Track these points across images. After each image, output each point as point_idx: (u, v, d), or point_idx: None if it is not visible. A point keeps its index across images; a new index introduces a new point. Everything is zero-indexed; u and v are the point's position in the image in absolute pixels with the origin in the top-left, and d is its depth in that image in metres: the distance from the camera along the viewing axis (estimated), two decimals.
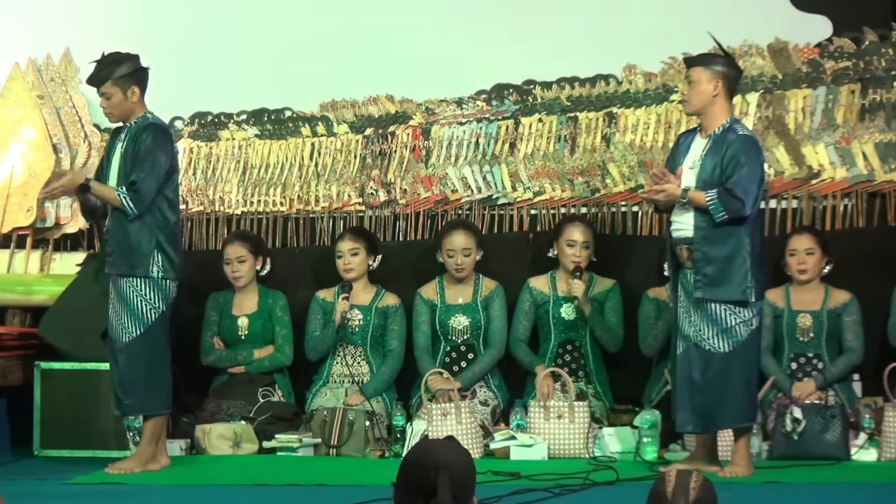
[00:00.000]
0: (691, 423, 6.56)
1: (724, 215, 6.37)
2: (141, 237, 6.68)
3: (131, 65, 6.80)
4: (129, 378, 6.72)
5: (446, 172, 8.51)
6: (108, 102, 6.81)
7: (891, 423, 6.91)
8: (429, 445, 3.68)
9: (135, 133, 6.75)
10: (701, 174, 6.50)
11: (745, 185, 6.38)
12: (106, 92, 6.79)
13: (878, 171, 8.07)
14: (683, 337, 6.54)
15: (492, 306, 7.82)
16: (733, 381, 6.46)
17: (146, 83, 6.85)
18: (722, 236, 6.44)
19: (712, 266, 6.44)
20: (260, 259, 7.92)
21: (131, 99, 6.78)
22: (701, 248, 6.46)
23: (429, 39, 8.62)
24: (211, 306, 7.95)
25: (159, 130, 6.81)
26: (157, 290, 6.70)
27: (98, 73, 6.81)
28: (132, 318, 6.69)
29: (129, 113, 6.82)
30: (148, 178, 6.66)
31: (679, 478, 3.53)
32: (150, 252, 6.68)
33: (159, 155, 6.71)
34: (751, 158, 6.45)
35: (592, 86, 8.49)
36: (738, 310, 6.45)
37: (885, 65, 8.20)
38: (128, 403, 6.76)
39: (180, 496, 6.28)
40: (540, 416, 7.22)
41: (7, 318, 8.38)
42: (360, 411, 7.45)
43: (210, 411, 7.61)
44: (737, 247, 6.43)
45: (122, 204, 6.65)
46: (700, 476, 3.57)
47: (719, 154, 6.46)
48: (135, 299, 6.69)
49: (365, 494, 5.70)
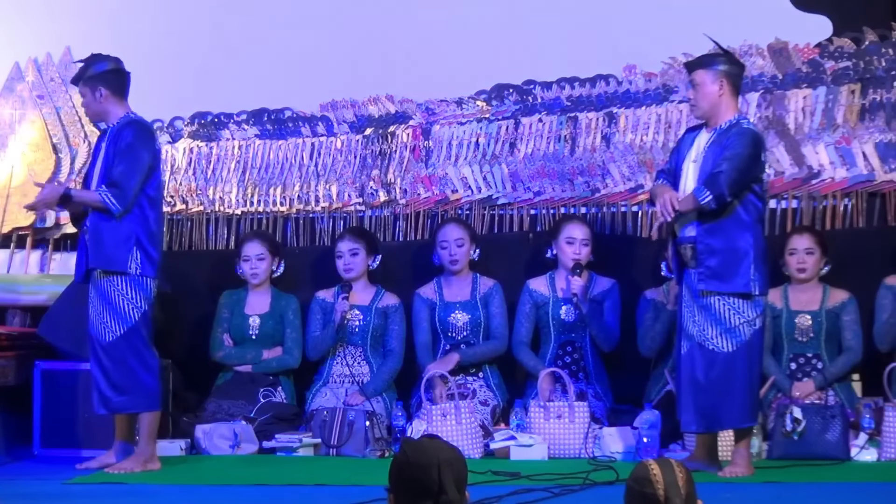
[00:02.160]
0: (695, 423, 6.56)
1: (708, 195, 6.36)
2: (119, 234, 6.71)
3: (102, 66, 6.89)
4: (117, 377, 6.73)
5: (446, 172, 8.51)
6: (83, 101, 6.99)
7: (891, 423, 6.91)
8: (423, 446, 3.66)
9: (115, 133, 6.82)
10: (704, 167, 6.52)
11: (730, 169, 6.35)
12: (80, 91, 6.98)
13: (878, 171, 8.07)
14: (687, 336, 6.55)
15: (491, 303, 7.82)
16: (737, 382, 6.46)
17: (121, 85, 6.90)
18: (724, 229, 6.45)
19: (715, 258, 6.44)
20: (276, 259, 7.94)
21: (100, 100, 6.85)
22: (704, 241, 6.47)
23: (429, 39, 8.62)
24: (224, 303, 7.95)
25: (140, 127, 6.86)
26: (136, 287, 6.73)
27: (77, 73, 6.98)
28: (114, 316, 6.71)
29: (101, 113, 6.91)
30: (128, 174, 6.70)
31: (665, 477, 3.49)
32: (129, 249, 6.70)
33: (140, 151, 6.75)
34: (744, 146, 6.43)
35: (592, 86, 8.49)
36: (741, 308, 6.45)
37: (885, 65, 8.20)
38: (118, 402, 6.77)
39: (180, 496, 6.28)
40: (540, 416, 7.22)
41: (7, 318, 8.38)
42: (360, 411, 7.45)
43: (210, 411, 7.61)
44: (739, 240, 6.44)
45: (105, 202, 6.68)
46: (682, 467, 3.54)
47: (721, 146, 6.47)
48: (116, 298, 6.71)
49: (365, 494, 5.70)
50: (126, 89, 6.92)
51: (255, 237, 8.05)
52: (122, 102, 6.88)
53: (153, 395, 6.81)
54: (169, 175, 8.75)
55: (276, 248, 8.04)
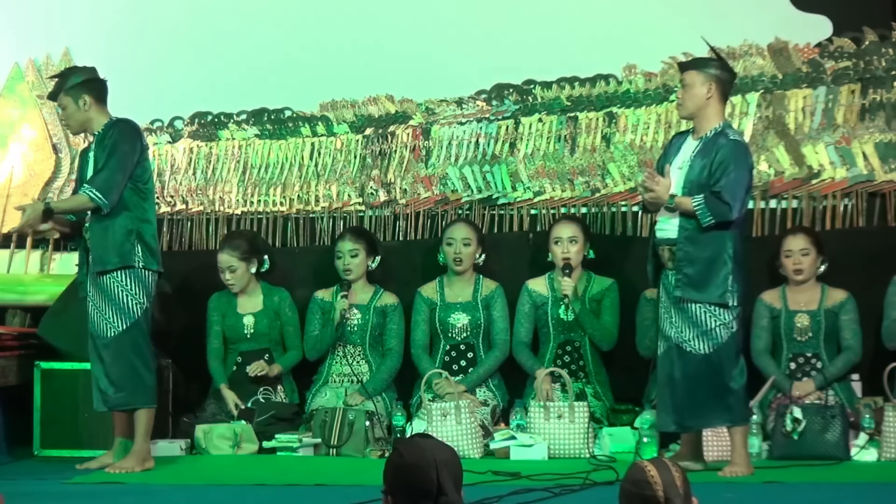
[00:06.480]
0: (672, 423, 6.59)
1: (710, 220, 6.39)
2: (120, 230, 6.73)
3: (81, 76, 6.91)
4: (117, 372, 6.75)
5: (446, 172, 8.51)
6: (65, 113, 6.98)
7: (891, 423, 6.91)
8: (419, 447, 3.65)
9: (102, 136, 6.85)
10: (689, 175, 6.53)
11: (732, 189, 6.40)
12: (61, 103, 6.95)
13: (878, 171, 8.07)
14: (665, 337, 6.59)
15: (493, 307, 7.82)
16: (713, 383, 6.48)
17: (102, 93, 6.92)
18: (706, 239, 6.45)
19: (693, 267, 6.46)
20: (255, 261, 7.87)
21: (84, 108, 6.86)
22: (684, 249, 6.48)
23: (429, 39, 8.63)
24: (213, 307, 7.90)
25: (124, 124, 6.89)
26: (139, 282, 6.75)
27: (53, 88, 6.98)
28: (117, 312, 6.73)
29: (85, 122, 6.91)
30: (111, 167, 6.73)
31: (663, 477, 3.48)
32: (131, 243, 6.73)
33: (123, 145, 6.77)
34: (740, 164, 6.46)
35: (592, 86, 8.50)
36: (717, 312, 6.46)
37: (885, 65, 8.20)
38: (116, 398, 6.79)
39: (180, 496, 6.28)
40: (540, 416, 7.22)
41: (7, 318, 8.39)
42: (360, 411, 7.45)
43: (210, 411, 7.62)
44: (719, 250, 6.45)
45: (91, 199, 6.70)
46: (677, 466, 3.53)
47: (709, 157, 6.49)
48: (119, 294, 6.73)
49: (365, 494, 5.69)
50: (106, 96, 6.94)
51: (225, 248, 7.84)
52: (104, 109, 6.91)
53: (150, 392, 6.83)
54: (169, 175, 8.75)
55: (251, 250, 7.83)
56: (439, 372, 7.59)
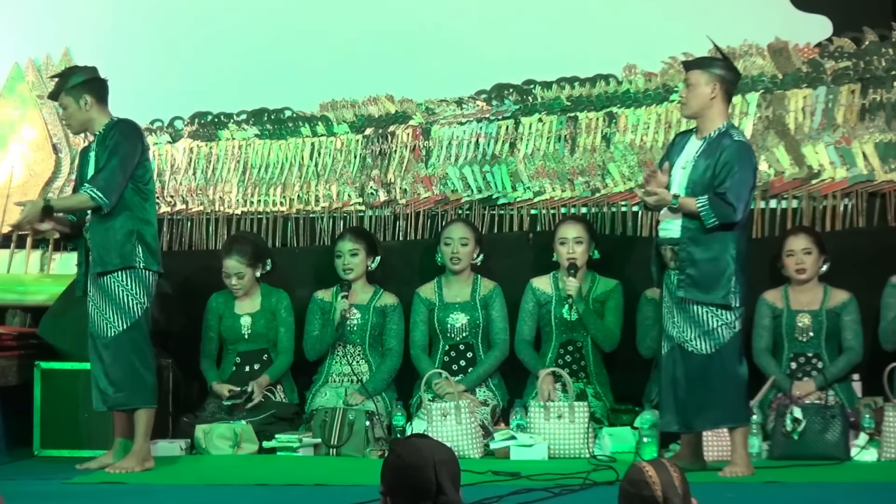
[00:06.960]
0: (675, 423, 6.59)
1: (714, 221, 6.39)
2: (121, 231, 6.74)
3: (82, 75, 6.92)
4: (117, 372, 6.76)
5: (446, 172, 8.52)
6: (66, 113, 6.98)
7: (891, 423, 6.91)
8: (417, 447, 3.64)
9: (103, 136, 6.85)
10: (692, 175, 6.52)
11: (737, 190, 6.40)
12: (62, 103, 6.95)
13: (878, 171, 8.07)
14: (668, 337, 6.59)
15: (492, 307, 7.82)
16: (714, 383, 6.48)
17: (103, 93, 6.93)
18: (708, 239, 6.45)
19: (696, 268, 6.46)
20: (260, 265, 7.87)
21: (85, 108, 6.86)
22: (686, 249, 6.47)
23: (429, 39, 8.63)
24: (212, 308, 7.90)
25: (125, 124, 6.90)
26: (139, 282, 6.76)
27: (54, 88, 6.98)
28: (118, 312, 6.73)
29: (86, 122, 6.92)
30: (112, 167, 6.73)
31: (661, 477, 3.48)
32: (132, 244, 6.74)
33: (124, 145, 6.78)
34: (744, 165, 6.46)
35: (592, 86, 8.50)
36: (720, 312, 6.47)
37: (885, 65, 8.20)
38: (116, 398, 6.79)
39: (180, 496, 6.28)
40: (540, 416, 7.22)
41: (7, 318, 8.39)
42: (360, 411, 7.46)
43: (210, 411, 7.62)
44: (722, 251, 6.44)
45: (92, 198, 6.71)
46: (675, 466, 3.54)
47: (713, 157, 6.48)
48: (120, 293, 6.74)
49: (365, 494, 5.69)
50: (107, 96, 6.94)
51: (233, 254, 7.79)
52: (105, 109, 6.91)
53: (150, 392, 6.83)
54: (169, 175, 8.76)
55: (256, 255, 7.82)
56: (439, 372, 7.59)
